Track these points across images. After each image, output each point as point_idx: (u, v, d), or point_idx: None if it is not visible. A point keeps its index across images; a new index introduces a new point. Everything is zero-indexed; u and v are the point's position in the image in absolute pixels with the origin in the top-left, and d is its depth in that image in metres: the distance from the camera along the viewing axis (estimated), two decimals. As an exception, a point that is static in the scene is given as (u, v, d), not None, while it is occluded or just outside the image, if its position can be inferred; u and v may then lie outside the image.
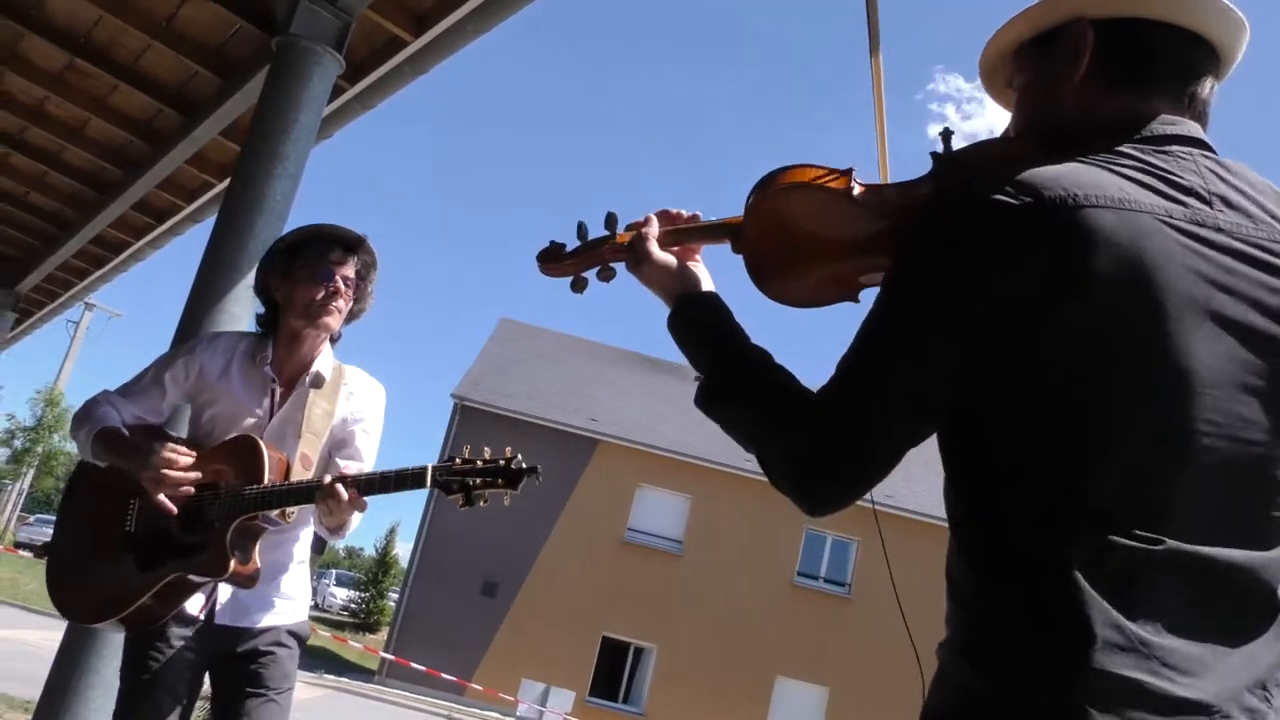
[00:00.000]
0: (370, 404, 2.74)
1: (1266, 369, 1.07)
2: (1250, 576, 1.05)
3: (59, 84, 6.05)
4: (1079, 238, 1.02)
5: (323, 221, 2.71)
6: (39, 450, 34.16)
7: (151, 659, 2.48)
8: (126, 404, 2.58)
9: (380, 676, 23.72)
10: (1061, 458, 1.04)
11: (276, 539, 2.56)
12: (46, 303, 10.88)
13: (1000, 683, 1.02)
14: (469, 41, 4.49)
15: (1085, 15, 1.21)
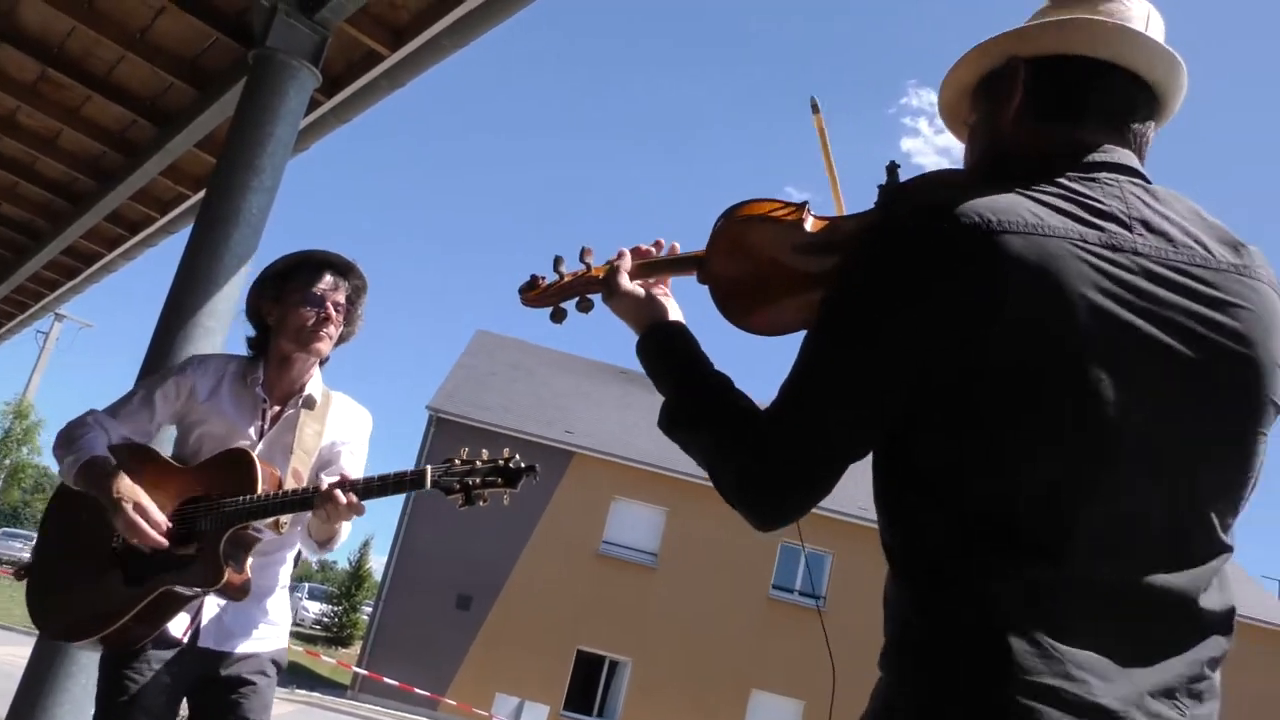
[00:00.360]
0: (358, 429, 2.80)
1: (1181, 386, 1.10)
2: (1163, 590, 1.09)
3: (31, 94, 6.00)
4: (992, 262, 1.08)
5: (314, 247, 2.75)
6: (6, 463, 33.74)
7: (129, 680, 2.46)
8: (115, 424, 2.58)
9: (353, 691, 23.52)
10: (980, 476, 1.09)
11: (263, 562, 2.56)
12: (17, 314, 10.78)
13: (921, 691, 1.07)
14: (446, 56, 4.50)
15: (1018, 55, 1.28)
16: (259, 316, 2.70)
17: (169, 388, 2.62)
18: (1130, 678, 1.05)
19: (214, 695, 2.56)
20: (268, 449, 2.60)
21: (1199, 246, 1.16)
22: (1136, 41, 1.23)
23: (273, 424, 2.64)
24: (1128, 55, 1.24)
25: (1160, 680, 1.07)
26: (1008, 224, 1.09)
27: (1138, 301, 1.10)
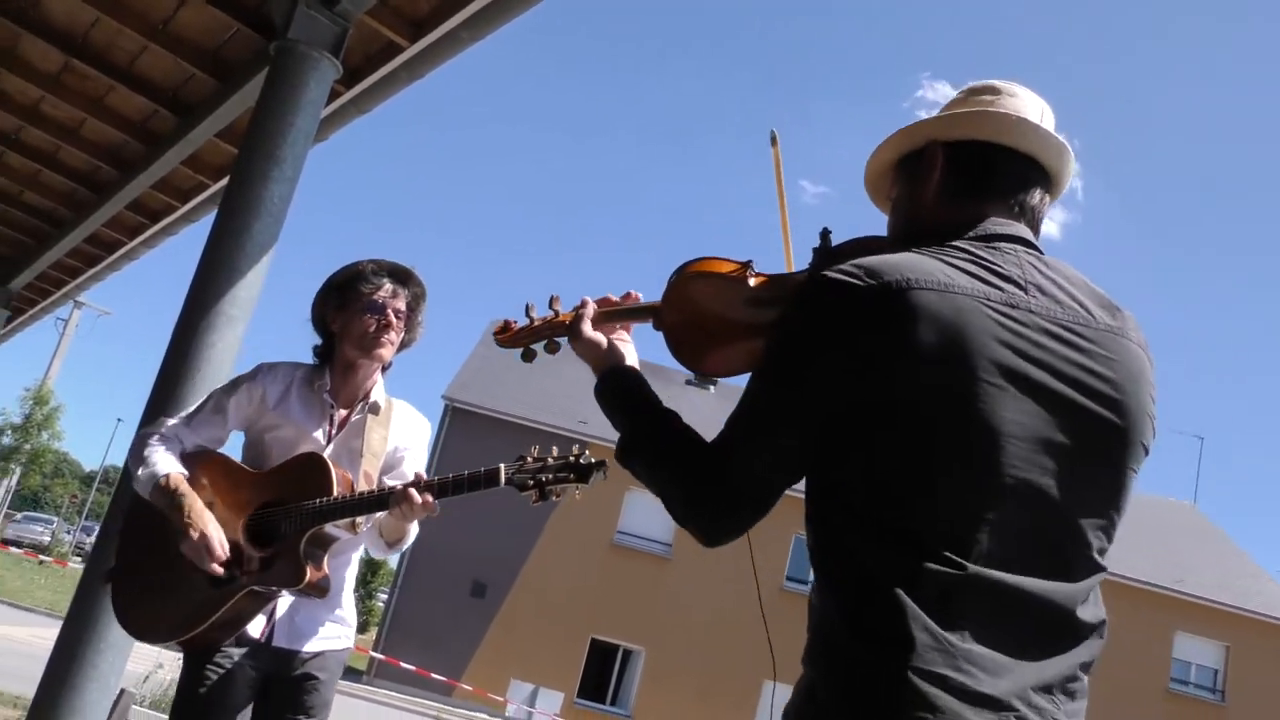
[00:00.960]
0: (419, 434, 2.91)
1: (1065, 426, 1.29)
2: (1045, 600, 1.26)
3: (56, 85, 6.08)
4: (909, 313, 1.25)
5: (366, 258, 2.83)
6: (27, 448, 34.02)
7: (211, 674, 2.56)
8: (188, 433, 2.68)
9: (368, 676, 23.71)
10: (889, 495, 1.25)
11: (332, 564, 2.63)
12: (39, 300, 10.89)
13: (832, 676, 1.24)
14: (464, 48, 4.55)
15: (936, 139, 1.48)
16: (324, 325, 2.79)
17: (241, 395, 2.70)
18: (1016, 673, 1.21)
19: (281, 690, 2.66)
20: (336, 452, 2.68)
21: (1081, 308, 1.36)
22: (1034, 132, 1.44)
23: (340, 428, 2.72)
24: (1026, 143, 1.45)
25: (1041, 677, 1.23)
26: (923, 282, 1.27)
27: (1031, 351, 1.28)
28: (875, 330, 1.26)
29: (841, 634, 1.25)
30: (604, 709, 24.06)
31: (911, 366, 1.24)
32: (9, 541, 30.56)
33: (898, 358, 1.24)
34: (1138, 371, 1.36)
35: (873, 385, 1.25)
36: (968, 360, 1.24)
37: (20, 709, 7.95)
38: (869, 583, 1.23)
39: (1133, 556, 26.16)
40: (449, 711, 21.83)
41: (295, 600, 2.66)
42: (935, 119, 1.50)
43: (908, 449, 1.25)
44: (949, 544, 1.22)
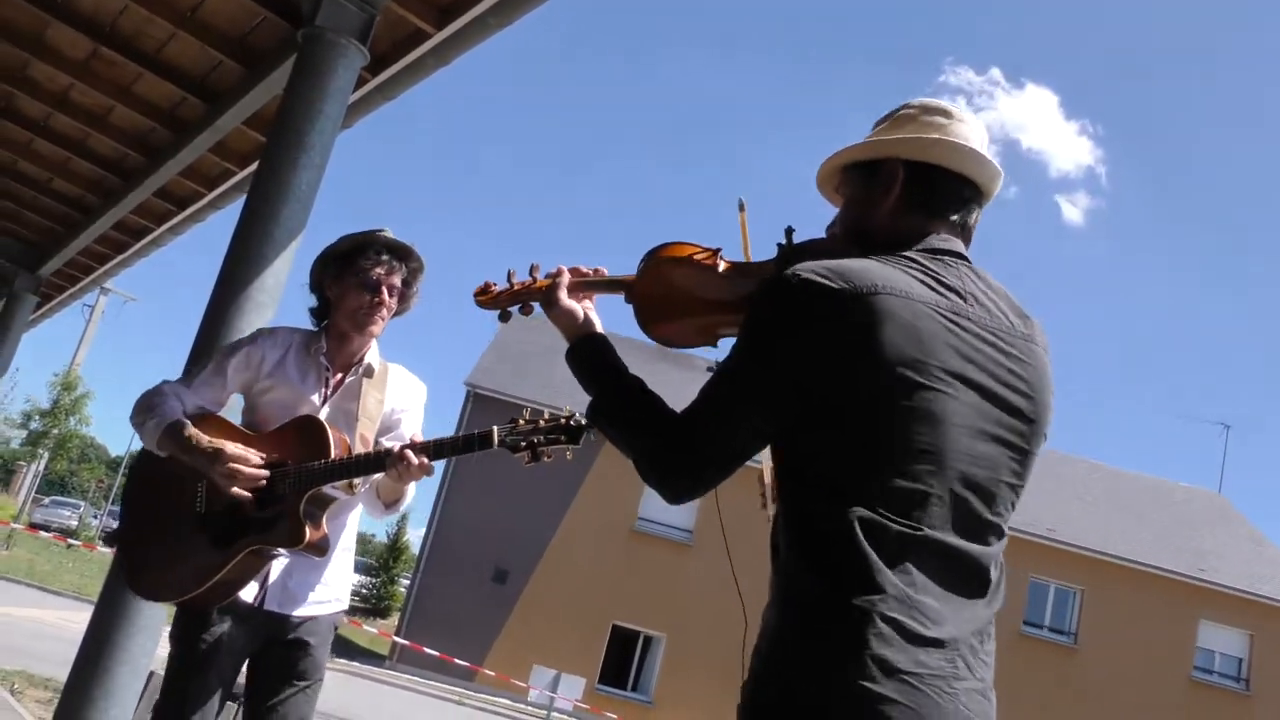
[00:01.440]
0: (415, 397, 2.95)
1: (993, 417, 1.52)
2: (974, 560, 1.49)
3: (84, 71, 6.11)
4: (876, 313, 1.45)
5: (374, 227, 2.86)
6: (54, 433, 34.37)
7: (202, 642, 2.61)
8: (189, 393, 2.72)
9: (391, 661, 23.89)
10: (855, 467, 1.45)
11: (327, 525, 2.67)
12: (67, 287, 10.98)
13: (802, 620, 1.42)
14: (491, 34, 4.54)
15: (899, 157, 1.67)
16: (321, 289, 2.84)
17: (240, 358, 2.76)
18: (954, 621, 1.44)
19: (274, 656, 2.70)
20: (331, 415, 2.74)
21: (1004, 316, 1.60)
22: (982, 162, 1.67)
23: (335, 391, 2.78)
24: (972, 170, 1.67)
25: (972, 625, 1.47)
26: (889, 288, 1.47)
27: (970, 354, 1.51)
28: (846, 326, 1.45)
29: (811, 584, 1.43)
30: (625, 695, 24.15)
31: (876, 360, 1.44)
32: (37, 525, 30.91)
33: (865, 352, 1.44)
34: (1044, 372, 1.62)
35: (841, 373, 1.45)
36: (923, 359, 1.45)
37: (51, 690, 8.06)
38: (838, 540, 1.42)
39: (1157, 545, 26.03)
40: (470, 696, 21.96)
41: (288, 565, 2.70)
42: (903, 140, 1.68)
43: (869, 431, 1.45)
44: (904, 509, 1.44)
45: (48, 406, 34.16)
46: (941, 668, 1.40)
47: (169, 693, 2.63)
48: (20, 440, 37.38)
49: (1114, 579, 25.14)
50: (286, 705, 2.65)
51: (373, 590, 41.58)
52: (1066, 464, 29.66)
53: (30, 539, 27.14)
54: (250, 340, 2.81)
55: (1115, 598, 25.02)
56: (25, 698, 7.67)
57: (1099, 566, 25.19)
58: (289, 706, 2.65)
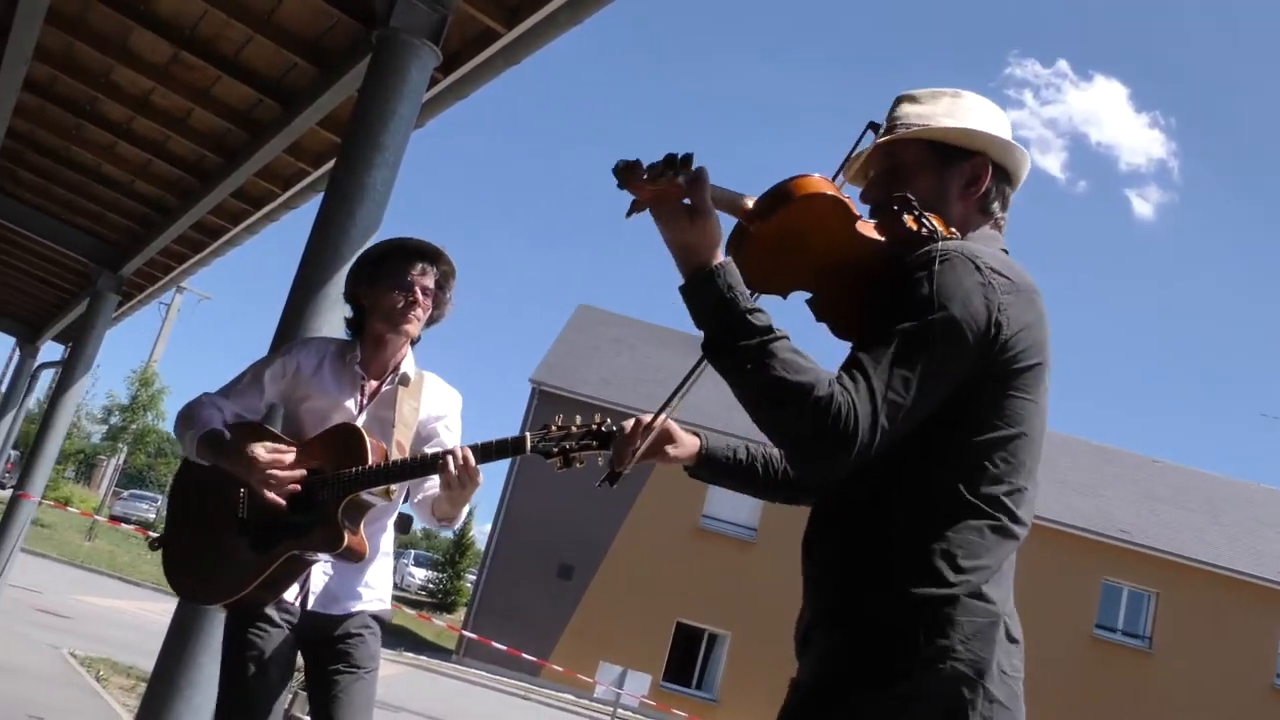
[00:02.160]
0: (451, 405, 3.00)
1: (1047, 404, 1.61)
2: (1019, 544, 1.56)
3: (165, 76, 6.25)
4: (1040, 314, 1.56)
5: (405, 236, 2.94)
6: (133, 428, 35.32)
7: (256, 637, 2.68)
8: (227, 404, 2.79)
9: (458, 655, 24.16)
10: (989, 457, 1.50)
11: (365, 530, 2.72)
12: (146, 286, 11.25)
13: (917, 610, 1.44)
14: (561, 33, 4.56)
15: (989, 154, 1.72)
16: (355, 299, 2.92)
17: (276, 367, 2.84)
18: (1007, 595, 1.51)
19: (326, 650, 2.77)
20: (368, 422, 2.79)
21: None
22: (1027, 164, 1.75)
23: (371, 399, 2.84)
24: (1022, 175, 1.76)
25: (1010, 596, 1.53)
26: (1038, 290, 1.57)
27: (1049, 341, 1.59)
28: (1024, 324, 1.51)
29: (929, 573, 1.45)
30: (690, 692, 24.15)
31: (1040, 363, 1.53)
32: (118, 518, 31.77)
33: (1033, 352, 1.51)
34: None
35: (1009, 369, 1.50)
36: (1049, 362, 1.55)
37: (134, 678, 8.28)
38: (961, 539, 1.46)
39: (1235, 547, 25.35)
40: (536, 691, 22.12)
41: (330, 566, 2.77)
42: (1002, 142, 1.71)
43: (1015, 426, 1.51)
44: (1017, 505, 1.51)
45: (126, 402, 35.12)
46: (1020, 670, 1.47)
47: (226, 693, 2.71)
48: (101, 435, 38.49)
49: (1190, 582, 24.54)
50: (347, 692, 2.72)
51: (439, 585, 42.07)
52: (1141, 465, 29.01)
53: (111, 531, 27.95)
54: (286, 350, 2.90)
55: (1192, 601, 24.42)
56: (110, 684, 7.90)
57: (1175, 569, 24.60)
58: (349, 693, 2.72)
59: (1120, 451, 30.37)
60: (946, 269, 1.49)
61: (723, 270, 1.49)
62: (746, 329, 1.45)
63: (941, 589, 1.44)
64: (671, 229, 1.50)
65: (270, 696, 2.69)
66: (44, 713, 6.15)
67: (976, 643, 1.41)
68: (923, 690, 1.41)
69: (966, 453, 1.50)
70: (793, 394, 1.40)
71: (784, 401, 1.41)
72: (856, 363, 1.45)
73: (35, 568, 16.16)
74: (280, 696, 2.73)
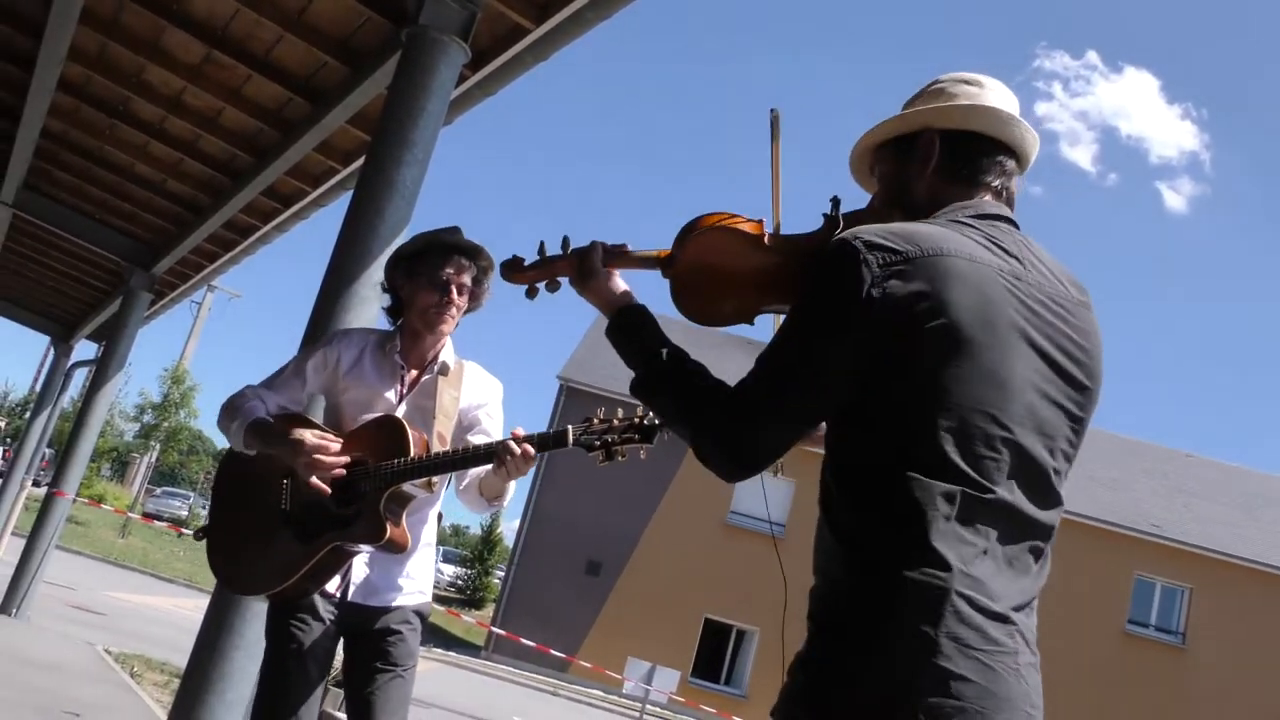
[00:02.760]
0: (492, 394, 2.99)
1: (1053, 382, 1.51)
2: (1039, 525, 1.48)
3: (197, 75, 6.31)
4: (944, 276, 1.44)
5: (443, 226, 2.93)
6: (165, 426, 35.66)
7: (297, 629, 2.71)
8: (271, 395, 2.81)
9: (487, 651, 24.25)
10: (925, 431, 1.41)
11: (407, 521, 2.73)
12: (179, 284, 11.36)
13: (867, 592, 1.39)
14: (589, 28, 4.55)
15: (933, 127, 1.66)
16: (394, 289, 2.92)
17: (317, 359, 2.85)
18: (1010, 594, 1.41)
19: (366, 645, 2.78)
20: (408, 412, 2.80)
21: (1060, 283, 1.58)
22: (1014, 123, 1.66)
23: (411, 389, 2.85)
24: (1007, 135, 1.67)
25: (1025, 595, 1.44)
26: (955, 252, 1.47)
27: (1031, 317, 1.50)
28: (916, 290, 1.42)
29: (873, 553, 1.40)
30: (719, 688, 24.13)
31: (947, 322, 1.41)
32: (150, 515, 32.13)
33: (935, 314, 1.41)
34: (1099, 340, 1.61)
35: (912, 337, 1.42)
36: (989, 319, 1.44)
37: (168, 674, 8.36)
38: (905, 505, 1.39)
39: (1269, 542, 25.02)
40: (564, 687, 22.17)
41: (370, 558, 2.77)
42: (935, 110, 1.66)
43: (941, 392, 1.41)
44: (974, 472, 1.41)
45: (159, 400, 35.46)
46: (1005, 644, 1.36)
47: (267, 683, 2.73)
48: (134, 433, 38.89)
49: (1224, 577, 24.26)
50: (384, 691, 2.72)
51: (468, 581, 42.24)
52: (1171, 459, 28.72)
53: (144, 528, 28.24)
54: (327, 341, 2.91)
55: (1225, 596, 24.14)
56: (144, 680, 7.98)
57: (1207, 564, 24.33)
58: (386, 691, 2.73)
59: (1150, 445, 30.06)
60: (823, 261, 1.50)
61: (622, 323, 1.71)
62: (648, 361, 1.64)
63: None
64: (581, 293, 1.80)
65: (308, 689, 2.71)
66: (79, 709, 6.22)
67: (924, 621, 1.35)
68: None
69: (898, 430, 1.43)
70: (686, 415, 1.56)
71: (684, 423, 1.57)
72: (751, 371, 1.52)
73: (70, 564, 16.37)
74: (318, 690, 2.76)
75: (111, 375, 10.11)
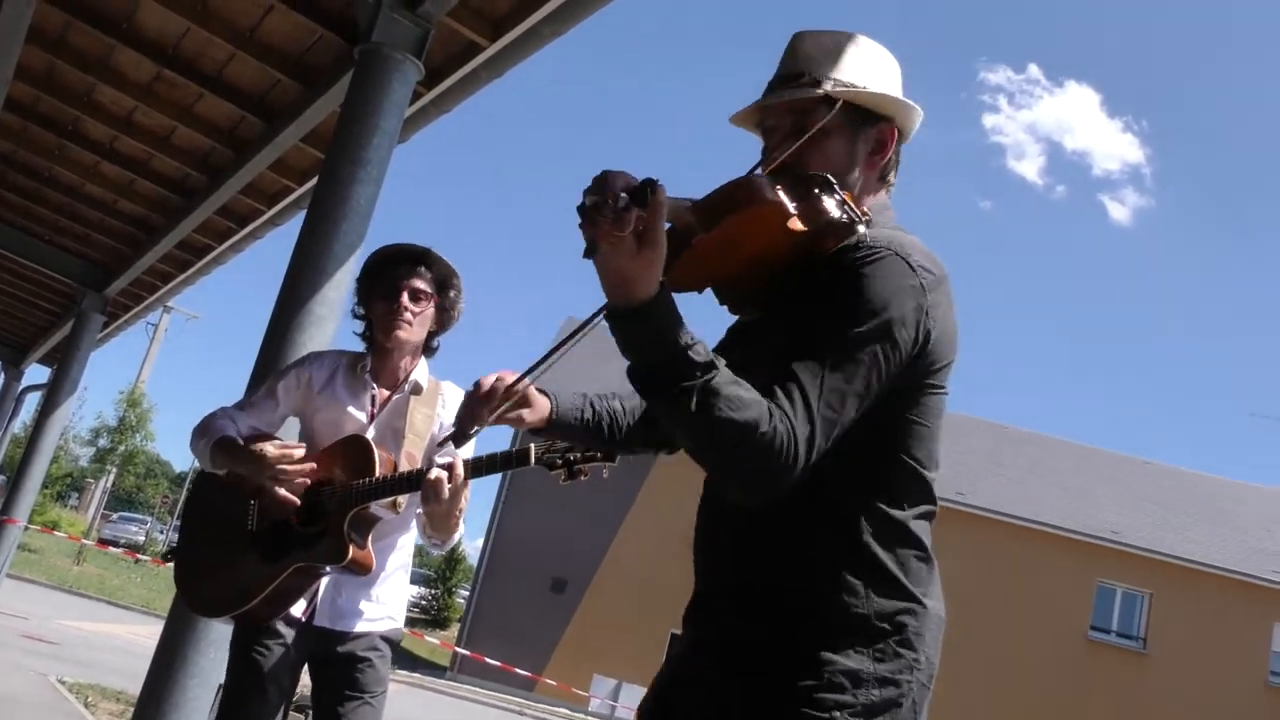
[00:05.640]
0: None
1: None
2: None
3: (148, 94, 6.23)
4: (952, 300, 1.51)
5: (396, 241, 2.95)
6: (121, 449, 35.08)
7: (258, 653, 2.67)
8: (243, 416, 2.79)
9: (452, 672, 24.02)
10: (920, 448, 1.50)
11: (377, 547, 2.71)
12: (133, 305, 11.19)
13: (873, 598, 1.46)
14: (545, 44, 4.55)
15: (896, 120, 1.62)
16: (363, 311, 2.94)
17: (289, 380, 2.85)
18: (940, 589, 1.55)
19: (333, 672, 2.74)
20: (379, 432, 2.78)
21: None
22: (918, 123, 1.66)
23: (382, 408, 2.83)
24: (912, 133, 1.67)
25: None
26: (947, 274, 1.51)
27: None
28: (941, 312, 1.47)
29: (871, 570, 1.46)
30: (685, 704, 24.05)
31: (952, 354, 1.51)
32: (107, 541, 31.56)
33: (940, 337, 1.48)
34: None
35: (928, 365, 1.48)
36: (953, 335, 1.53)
37: (123, 704, 8.19)
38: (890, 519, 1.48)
39: (1228, 547, 25.40)
40: (531, 706, 22.01)
41: (338, 581, 2.75)
42: (908, 106, 1.62)
43: (925, 420, 1.50)
44: (931, 488, 1.52)
45: (115, 424, 34.88)
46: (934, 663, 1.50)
47: (226, 709, 2.71)
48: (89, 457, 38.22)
49: (1184, 582, 24.56)
50: (351, 718, 2.69)
51: (431, 602, 41.89)
52: (1129, 465, 29.09)
53: (100, 554, 27.74)
54: (299, 363, 2.93)
55: (1185, 601, 24.44)
56: (99, 711, 7.81)
57: (1168, 569, 24.62)
58: (354, 718, 2.69)
59: (1108, 453, 30.43)
60: (879, 269, 1.41)
61: (663, 302, 1.31)
62: (689, 368, 1.30)
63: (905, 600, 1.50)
64: (615, 256, 1.27)
65: (268, 715, 2.69)
66: (33, 740, 6.06)
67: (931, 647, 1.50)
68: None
69: (891, 450, 1.50)
70: (740, 435, 1.30)
71: (733, 444, 1.31)
72: (792, 376, 1.36)
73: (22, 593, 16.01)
74: (278, 716, 2.72)
75: (64, 399, 9.94)
